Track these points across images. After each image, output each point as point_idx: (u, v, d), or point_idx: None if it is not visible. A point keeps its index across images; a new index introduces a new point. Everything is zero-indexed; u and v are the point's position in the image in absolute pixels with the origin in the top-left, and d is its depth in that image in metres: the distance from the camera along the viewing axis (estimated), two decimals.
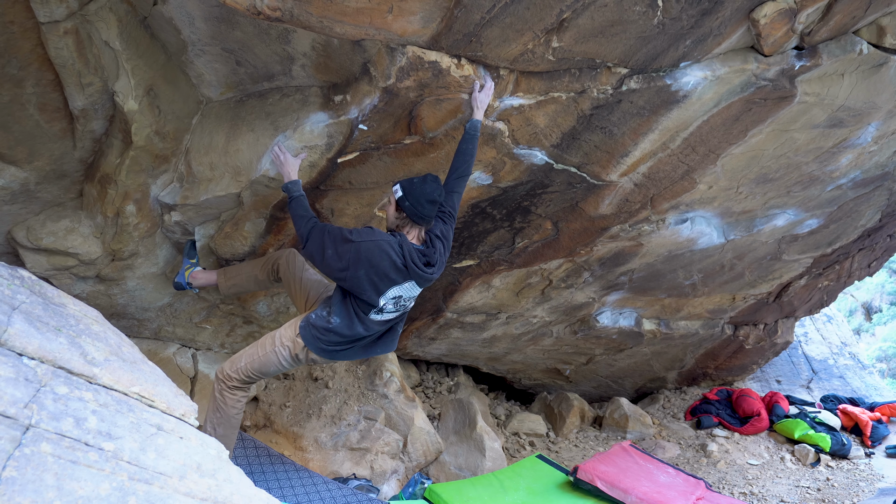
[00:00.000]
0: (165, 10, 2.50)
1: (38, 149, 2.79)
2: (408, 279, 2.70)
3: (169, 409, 1.47)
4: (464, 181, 2.92)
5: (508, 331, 5.66)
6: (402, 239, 2.66)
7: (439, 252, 2.79)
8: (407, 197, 2.63)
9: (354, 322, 2.78)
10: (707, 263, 5.29)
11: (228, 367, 2.98)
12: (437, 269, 2.78)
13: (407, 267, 2.65)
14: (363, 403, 4.65)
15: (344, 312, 2.77)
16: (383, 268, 2.61)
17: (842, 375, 8.45)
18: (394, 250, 2.62)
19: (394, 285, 2.69)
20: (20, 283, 1.46)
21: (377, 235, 2.62)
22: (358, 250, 2.58)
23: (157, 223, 3.29)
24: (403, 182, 2.67)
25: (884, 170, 4.60)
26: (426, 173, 2.77)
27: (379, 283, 2.65)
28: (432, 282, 2.82)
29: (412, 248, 2.67)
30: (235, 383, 2.97)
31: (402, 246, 2.64)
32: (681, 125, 3.43)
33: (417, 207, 2.63)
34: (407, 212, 2.65)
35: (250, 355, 2.96)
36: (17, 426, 1.09)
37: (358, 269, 2.60)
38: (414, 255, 2.66)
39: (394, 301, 2.77)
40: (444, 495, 3.93)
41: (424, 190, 2.62)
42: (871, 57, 3.31)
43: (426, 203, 2.63)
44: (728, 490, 5.43)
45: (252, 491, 1.44)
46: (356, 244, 2.58)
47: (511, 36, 2.54)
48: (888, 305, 18.90)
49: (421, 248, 2.72)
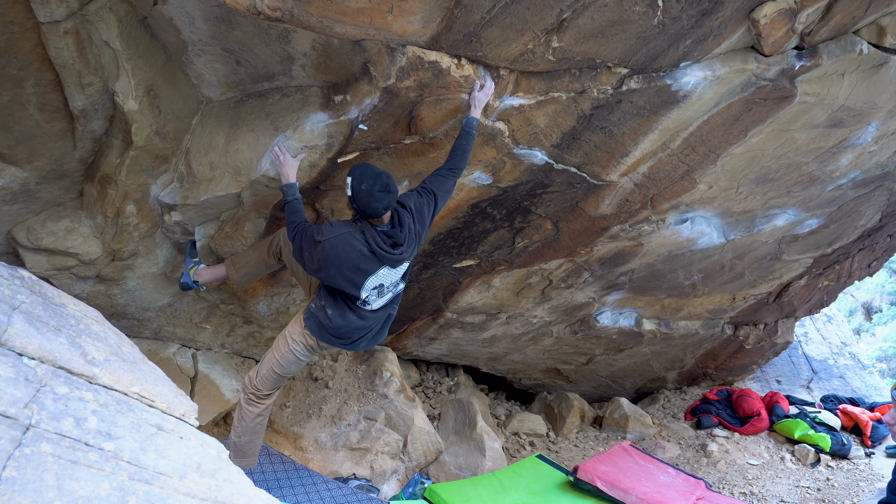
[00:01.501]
0: (165, 10, 2.50)
1: (39, 149, 2.79)
2: (381, 266, 2.67)
3: (169, 409, 1.47)
4: (455, 173, 2.85)
5: (508, 331, 5.66)
6: (364, 225, 2.61)
7: (408, 228, 2.70)
8: (354, 199, 2.55)
9: (346, 313, 2.79)
10: (707, 263, 5.29)
11: (254, 378, 3.03)
12: (407, 248, 2.70)
13: (375, 253, 2.61)
14: (363, 403, 4.65)
15: (334, 304, 2.79)
16: (352, 260, 2.59)
17: (842, 375, 8.44)
18: (357, 240, 2.58)
19: (369, 275, 2.67)
20: (20, 283, 1.46)
21: (337, 230, 2.58)
22: (324, 249, 2.57)
23: (157, 223, 3.29)
24: (354, 179, 2.54)
25: (884, 170, 4.60)
26: (379, 172, 2.58)
27: (354, 277, 2.64)
28: (406, 261, 2.75)
29: (375, 233, 2.62)
30: (263, 392, 3.05)
31: (365, 232, 2.60)
32: (681, 125, 3.42)
33: (364, 211, 2.56)
34: (355, 209, 2.59)
35: (269, 361, 2.99)
36: (17, 426, 1.09)
37: (329, 267, 2.59)
38: (378, 240, 2.61)
39: (376, 291, 2.76)
40: (444, 495, 3.93)
41: (370, 203, 2.51)
42: (871, 57, 3.30)
43: (372, 212, 2.55)
44: (728, 490, 5.43)
45: (252, 491, 1.44)
46: (322, 243, 2.57)
47: (511, 36, 2.54)
48: (888, 305, 18.90)
49: (386, 230, 2.66)
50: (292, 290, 4.13)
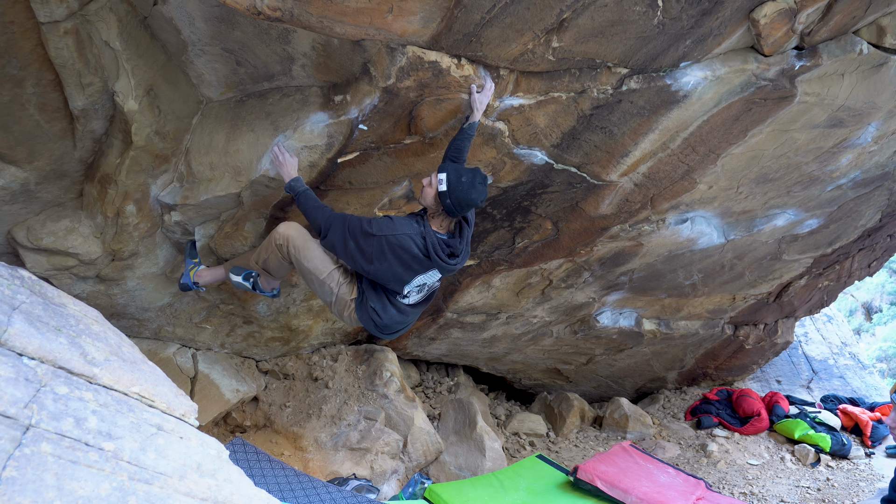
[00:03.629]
0: (165, 10, 2.50)
1: (39, 149, 2.79)
2: (430, 268, 2.73)
3: (169, 409, 1.47)
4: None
5: (508, 331, 5.66)
6: (426, 230, 2.66)
7: (466, 241, 2.80)
8: (450, 194, 2.59)
9: (387, 307, 2.82)
10: (707, 263, 5.29)
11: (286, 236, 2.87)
12: (462, 259, 2.79)
13: (430, 257, 2.66)
14: (363, 403, 4.65)
15: (376, 297, 2.81)
16: (405, 260, 2.64)
17: (842, 375, 8.44)
18: (415, 243, 2.62)
19: (418, 274, 2.72)
20: (20, 283, 1.46)
21: (398, 228, 2.62)
22: (380, 244, 2.59)
23: (157, 223, 3.28)
24: (450, 174, 2.60)
25: (884, 170, 4.60)
26: (474, 168, 2.67)
27: (403, 274, 2.69)
28: (455, 272, 2.84)
29: (436, 240, 2.67)
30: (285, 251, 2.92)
31: (426, 238, 2.65)
32: (681, 125, 3.42)
33: (457, 207, 2.61)
34: (445, 207, 2.63)
35: (311, 261, 2.82)
36: (17, 426, 1.09)
37: (381, 261, 2.63)
38: (438, 247, 2.67)
39: (418, 288, 2.82)
40: (444, 495, 3.93)
41: (470, 195, 2.59)
42: (871, 57, 3.30)
43: (467, 206, 2.62)
44: (728, 490, 5.43)
45: (252, 491, 1.44)
46: (377, 238, 2.59)
47: (511, 36, 2.54)
48: (888, 305, 18.88)
49: (445, 238, 2.72)
50: (292, 290, 4.13)
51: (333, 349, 5.13)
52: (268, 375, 4.83)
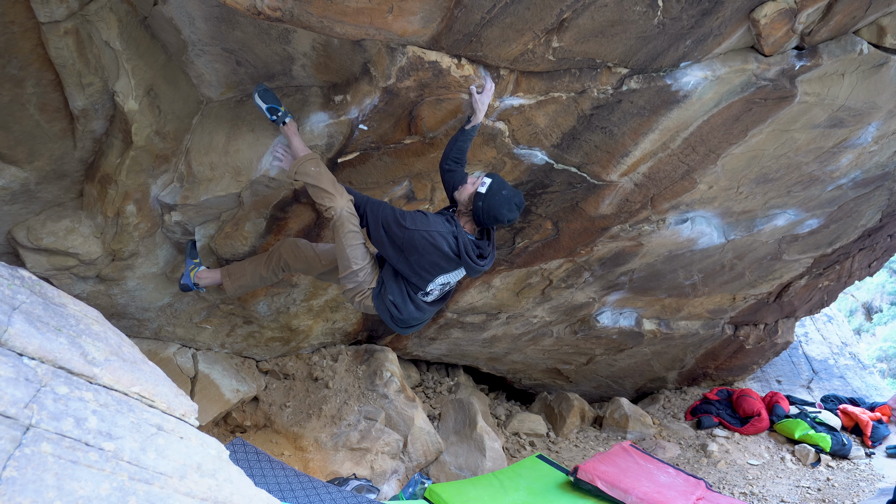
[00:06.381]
0: (165, 10, 2.50)
1: (39, 149, 2.79)
2: (458, 267, 2.76)
3: (169, 409, 1.47)
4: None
5: (508, 331, 5.66)
6: (459, 230, 2.69)
7: (493, 244, 2.86)
8: (485, 199, 2.64)
9: (407, 301, 2.83)
10: (707, 263, 5.29)
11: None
12: (489, 261, 2.84)
13: (459, 256, 2.69)
14: (363, 403, 4.65)
15: (397, 290, 2.82)
16: (434, 258, 2.67)
17: (842, 375, 8.44)
18: (447, 242, 2.65)
19: (443, 273, 2.75)
20: (20, 283, 1.46)
21: (431, 226, 2.64)
22: (412, 239, 2.62)
23: (157, 223, 3.28)
24: (495, 182, 2.66)
25: (884, 170, 4.60)
26: (519, 191, 2.74)
27: (430, 270, 2.71)
28: (481, 273, 2.88)
29: (468, 241, 2.71)
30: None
31: (458, 238, 2.68)
32: (681, 125, 3.42)
33: (484, 215, 2.67)
34: (475, 209, 2.68)
35: (344, 248, 2.76)
36: (17, 426, 1.09)
37: (410, 255, 2.65)
38: (469, 248, 2.71)
39: (441, 286, 2.85)
40: (444, 495, 3.93)
41: (502, 209, 2.64)
42: (872, 57, 3.30)
43: (494, 218, 2.67)
44: (728, 490, 5.43)
45: (252, 491, 1.44)
46: (410, 232, 2.61)
47: (511, 36, 2.54)
48: (888, 305, 18.87)
49: (474, 240, 2.77)
50: (292, 290, 4.13)
51: (333, 349, 5.13)
52: (268, 375, 4.84)
